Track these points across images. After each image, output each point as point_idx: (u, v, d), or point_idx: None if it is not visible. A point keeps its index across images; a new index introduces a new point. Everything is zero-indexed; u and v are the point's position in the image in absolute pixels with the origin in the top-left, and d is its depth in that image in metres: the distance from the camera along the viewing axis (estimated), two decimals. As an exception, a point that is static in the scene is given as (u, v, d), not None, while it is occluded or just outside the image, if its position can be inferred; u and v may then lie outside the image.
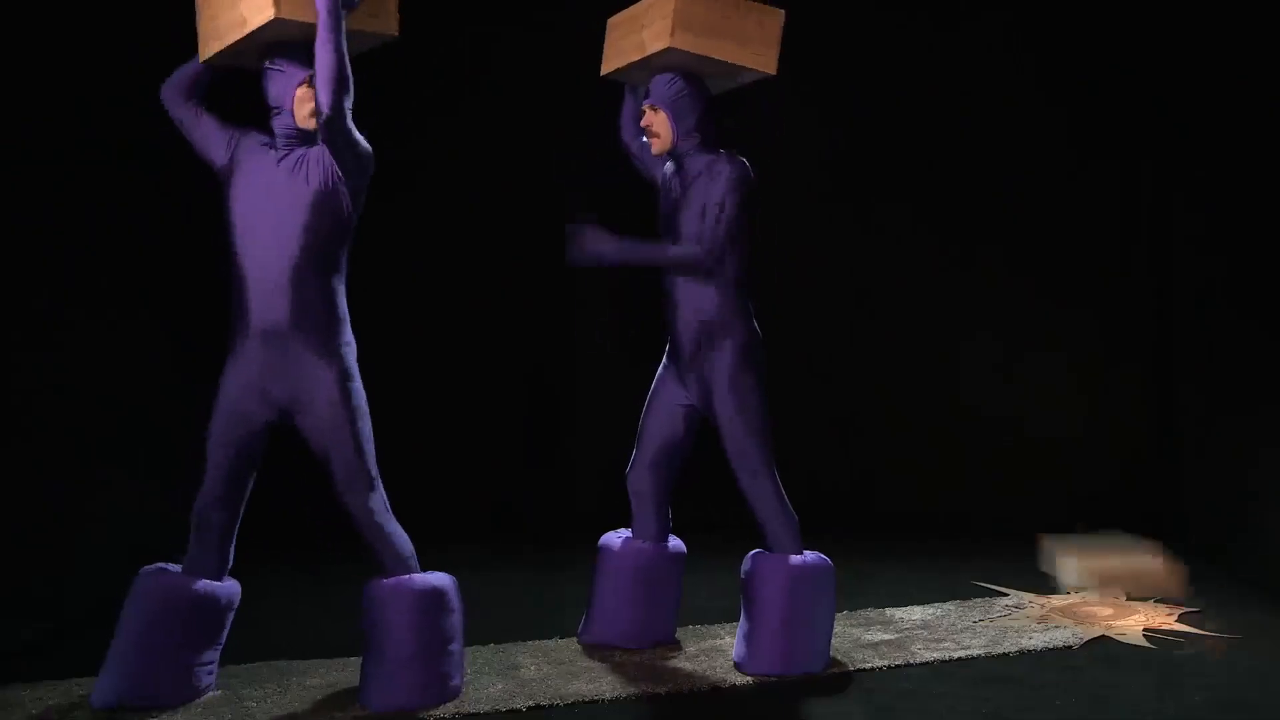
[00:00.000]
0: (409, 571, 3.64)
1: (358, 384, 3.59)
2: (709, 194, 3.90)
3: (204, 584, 3.64)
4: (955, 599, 4.87)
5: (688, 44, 3.84)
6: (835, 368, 6.51)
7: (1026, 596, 4.87)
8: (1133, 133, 6.31)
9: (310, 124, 3.56)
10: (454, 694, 3.68)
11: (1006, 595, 4.93)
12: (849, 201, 6.44)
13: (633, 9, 4.10)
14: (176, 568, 3.66)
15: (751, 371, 3.96)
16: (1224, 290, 5.62)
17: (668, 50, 3.86)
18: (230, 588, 3.74)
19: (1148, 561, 5.13)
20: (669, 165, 4.12)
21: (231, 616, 3.75)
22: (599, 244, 3.88)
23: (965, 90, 6.40)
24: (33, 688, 3.72)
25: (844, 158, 6.43)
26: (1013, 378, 6.45)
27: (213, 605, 3.66)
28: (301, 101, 3.55)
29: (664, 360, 4.18)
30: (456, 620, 3.70)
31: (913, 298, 6.53)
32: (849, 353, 6.53)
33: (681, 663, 4.05)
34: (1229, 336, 5.57)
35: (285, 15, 3.41)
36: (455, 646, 3.70)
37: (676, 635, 4.31)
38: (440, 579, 3.69)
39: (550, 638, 4.31)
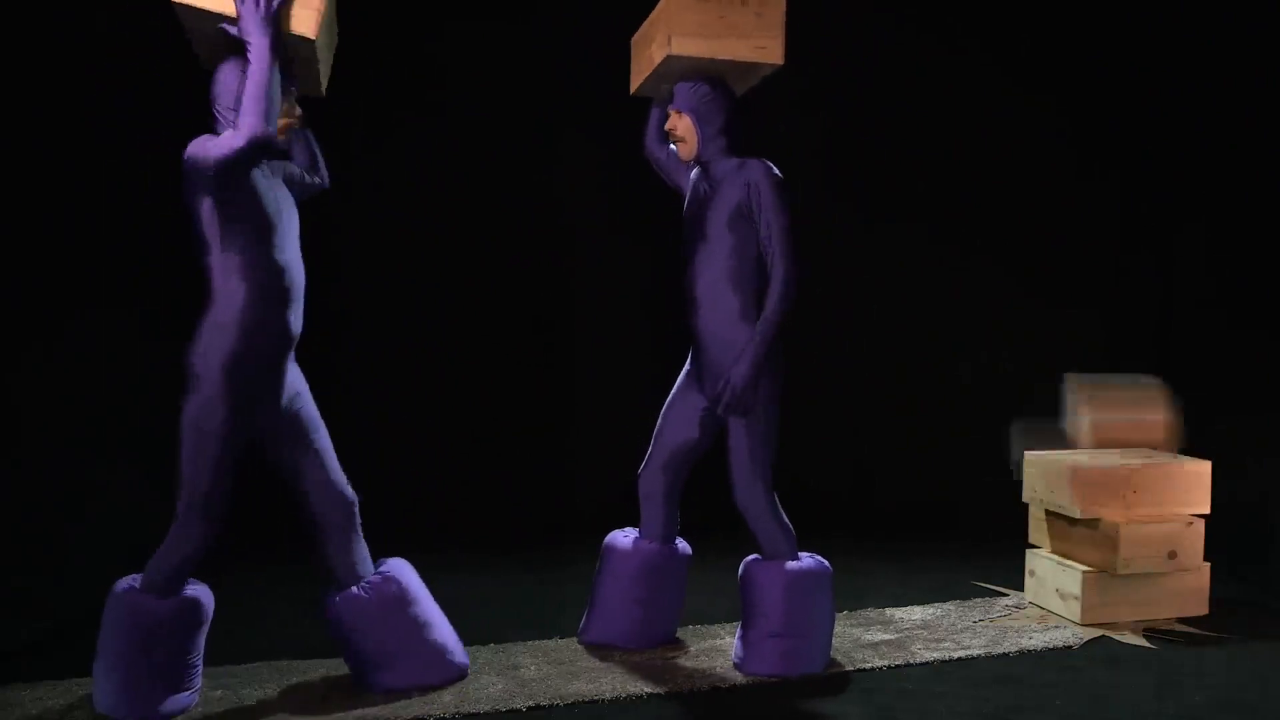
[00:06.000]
0: (361, 580, 3.72)
1: (202, 395, 3.48)
2: (754, 202, 3.86)
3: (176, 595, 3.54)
4: (955, 599, 4.87)
5: (687, 49, 3.81)
6: (836, 368, 6.50)
7: (1029, 596, 4.88)
8: (1135, 138, 6.31)
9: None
10: (460, 670, 3.81)
11: (1006, 595, 4.93)
12: (851, 202, 6.43)
13: (645, 23, 4.11)
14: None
15: (769, 378, 3.91)
16: (1225, 296, 5.62)
17: (669, 59, 3.84)
18: (202, 593, 3.63)
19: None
20: (695, 171, 4.10)
21: (208, 622, 3.65)
22: (745, 387, 3.82)
23: (970, 94, 6.40)
24: (32, 688, 3.72)
25: (845, 158, 6.42)
26: (1014, 379, 6.45)
27: (190, 614, 3.56)
28: None
29: (687, 364, 4.15)
30: (421, 609, 3.77)
31: (915, 299, 6.53)
32: (850, 353, 6.52)
33: (681, 663, 4.05)
34: (1230, 342, 5.56)
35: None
36: (433, 628, 3.79)
37: (677, 635, 4.30)
38: (397, 568, 3.79)
39: (550, 638, 4.31)
